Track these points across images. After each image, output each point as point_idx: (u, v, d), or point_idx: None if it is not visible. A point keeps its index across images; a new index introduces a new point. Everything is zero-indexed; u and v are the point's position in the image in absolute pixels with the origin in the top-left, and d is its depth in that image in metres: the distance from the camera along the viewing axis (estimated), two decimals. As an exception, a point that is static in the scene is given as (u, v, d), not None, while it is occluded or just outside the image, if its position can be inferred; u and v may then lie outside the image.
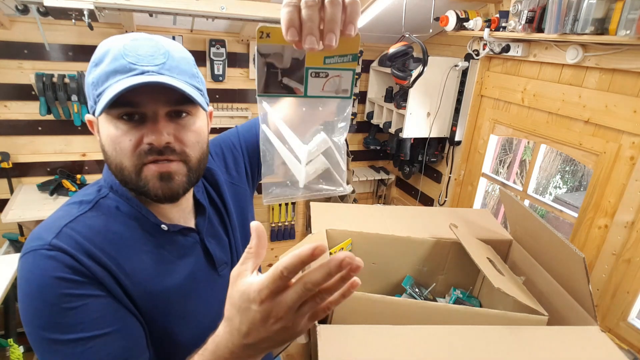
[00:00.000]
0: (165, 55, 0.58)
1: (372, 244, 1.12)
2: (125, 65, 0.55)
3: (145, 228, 0.64)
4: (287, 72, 0.45)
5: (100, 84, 0.56)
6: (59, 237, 0.56)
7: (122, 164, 0.59)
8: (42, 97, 2.00)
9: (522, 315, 0.83)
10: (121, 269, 0.59)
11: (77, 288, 0.54)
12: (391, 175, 2.93)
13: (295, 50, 0.44)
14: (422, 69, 1.80)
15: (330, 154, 0.47)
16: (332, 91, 0.47)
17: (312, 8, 0.40)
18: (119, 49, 0.56)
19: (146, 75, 0.55)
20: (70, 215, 0.60)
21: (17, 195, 2.08)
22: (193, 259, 0.69)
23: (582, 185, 5.42)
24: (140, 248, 0.63)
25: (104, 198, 0.64)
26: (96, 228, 0.59)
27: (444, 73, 2.17)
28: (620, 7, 1.27)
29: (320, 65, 0.46)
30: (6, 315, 1.85)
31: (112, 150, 0.59)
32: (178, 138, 0.60)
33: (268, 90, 0.46)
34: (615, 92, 1.47)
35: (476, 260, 0.93)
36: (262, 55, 0.45)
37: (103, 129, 0.59)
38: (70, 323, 0.53)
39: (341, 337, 0.74)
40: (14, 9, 1.75)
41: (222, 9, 1.78)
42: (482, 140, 2.14)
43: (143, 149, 0.58)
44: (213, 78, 2.36)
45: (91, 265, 0.56)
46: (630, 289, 1.46)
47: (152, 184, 0.59)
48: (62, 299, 0.53)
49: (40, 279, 0.53)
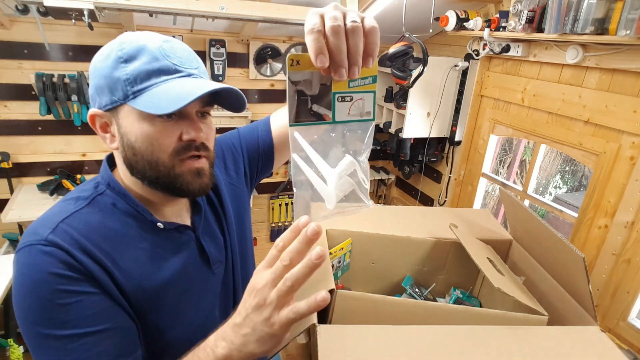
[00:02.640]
0: (196, 59, 0.63)
1: (372, 244, 1.12)
2: (170, 67, 0.58)
3: (141, 225, 0.65)
4: (315, 99, 0.47)
5: (139, 81, 0.57)
6: (55, 232, 0.56)
7: (158, 160, 0.60)
8: (42, 97, 2.00)
9: (522, 315, 0.83)
10: (116, 265, 0.60)
11: (72, 284, 0.55)
12: (391, 175, 2.93)
13: (323, 75, 0.46)
14: (422, 69, 1.80)
15: (355, 174, 0.50)
16: (357, 115, 0.49)
17: (338, 36, 0.41)
18: (157, 49, 0.58)
19: (192, 77, 0.60)
20: (67, 211, 0.60)
21: (17, 195, 2.08)
22: (186, 255, 0.69)
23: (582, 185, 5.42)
24: (135, 245, 0.63)
25: (100, 195, 0.64)
26: (92, 224, 0.60)
27: (444, 73, 2.17)
28: (620, 7, 1.27)
29: (345, 89, 0.48)
30: (6, 315, 1.85)
31: (147, 147, 0.59)
32: (208, 137, 0.64)
33: (299, 119, 0.47)
34: (615, 92, 1.47)
35: (476, 260, 0.93)
36: (293, 83, 0.46)
37: (134, 125, 0.59)
38: (63, 319, 0.54)
39: (341, 337, 0.74)
40: (14, 9, 1.75)
41: (222, 9, 1.78)
42: (482, 140, 2.14)
43: (182, 145, 0.61)
44: (213, 78, 2.36)
45: (86, 261, 0.56)
46: (630, 289, 1.46)
47: (188, 179, 0.62)
48: (56, 295, 0.54)
49: (35, 274, 0.54)
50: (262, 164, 0.88)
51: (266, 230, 2.94)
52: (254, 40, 2.38)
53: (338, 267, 1.09)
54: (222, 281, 0.77)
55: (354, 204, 0.50)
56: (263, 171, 0.90)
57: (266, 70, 2.48)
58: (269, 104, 2.59)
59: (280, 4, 1.90)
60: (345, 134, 0.49)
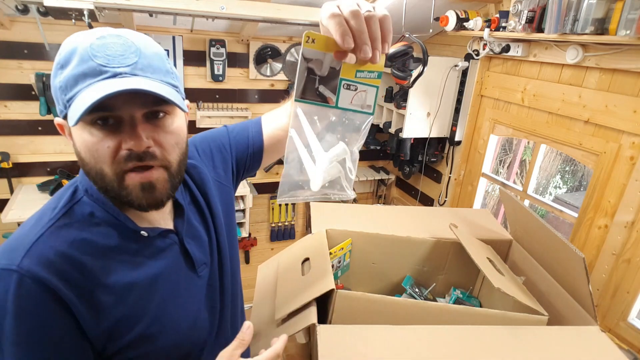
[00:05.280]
0: (136, 53, 0.54)
1: (372, 244, 1.12)
2: (94, 68, 0.52)
3: (122, 234, 0.62)
4: (323, 81, 0.49)
5: (69, 88, 0.53)
6: (30, 255, 0.54)
7: (102, 172, 0.56)
8: (42, 97, 2.00)
9: (522, 315, 0.83)
10: (96, 281, 0.58)
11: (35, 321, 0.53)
12: (391, 175, 2.93)
13: (333, 60, 0.48)
14: (422, 69, 1.80)
15: (344, 163, 0.52)
16: (358, 105, 0.52)
17: (359, 19, 0.44)
18: (86, 49, 0.52)
19: (119, 78, 0.52)
20: (42, 225, 0.57)
21: (17, 195, 2.08)
22: (170, 260, 0.68)
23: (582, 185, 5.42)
24: (117, 257, 0.61)
25: (77, 203, 0.61)
26: (68, 239, 0.57)
27: (444, 73, 2.17)
28: (620, 7, 1.27)
29: (352, 77, 0.50)
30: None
31: (89, 158, 0.56)
32: (157, 141, 0.58)
33: (305, 96, 0.49)
34: (615, 92, 1.47)
35: (476, 260, 0.92)
36: (305, 60, 0.48)
37: (77, 135, 0.56)
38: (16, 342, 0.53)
39: (341, 337, 0.74)
40: (14, 9, 1.75)
41: (222, 9, 1.78)
42: (482, 140, 2.14)
43: (122, 155, 0.55)
44: (213, 78, 2.36)
45: (62, 288, 0.54)
46: (630, 289, 1.46)
47: (135, 194, 0.57)
48: (17, 321, 0.52)
49: (15, 308, 0.52)
50: (250, 164, 0.88)
51: (266, 230, 2.93)
52: (254, 40, 2.38)
53: (338, 267, 1.09)
54: (207, 283, 0.75)
55: (336, 191, 0.52)
56: (249, 170, 0.90)
57: (266, 70, 2.48)
58: (269, 104, 2.59)
59: (280, 4, 1.90)
60: (344, 122, 0.51)
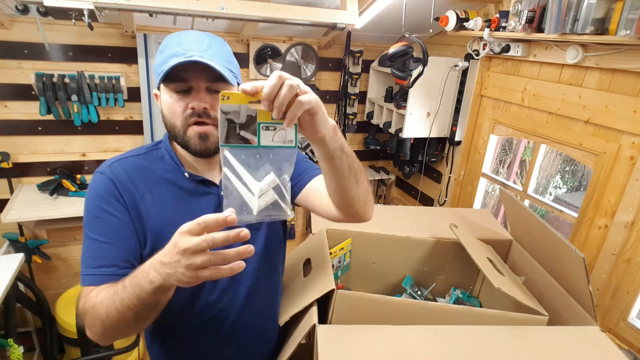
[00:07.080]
0: (208, 45, 0.77)
1: (372, 244, 1.13)
2: (178, 51, 0.75)
3: (176, 174, 0.86)
4: (243, 126, 0.59)
5: (162, 64, 0.76)
6: (111, 167, 0.83)
7: (174, 124, 0.79)
8: (42, 97, 2.00)
9: (522, 315, 0.83)
10: (144, 198, 0.81)
11: (106, 205, 0.79)
12: (391, 175, 2.93)
13: (250, 108, 0.58)
14: (422, 69, 1.80)
15: (278, 189, 0.61)
16: (280, 141, 0.60)
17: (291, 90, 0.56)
18: (176, 39, 0.77)
19: (192, 57, 0.73)
20: (129, 154, 0.86)
21: (17, 195, 2.08)
22: (205, 203, 0.85)
23: (582, 185, 5.42)
24: (167, 186, 0.84)
25: (156, 149, 0.89)
26: (138, 166, 0.84)
27: (444, 73, 2.17)
28: (620, 7, 1.27)
29: (269, 120, 0.59)
30: (6, 315, 1.85)
31: (168, 113, 0.80)
32: (213, 107, 0.78)
33: (229, 140, 0.58)
34: (615, 92, 1.47)
35: (476, 260, 0.93)
36: (223, 113, 0.57)
37: (163, 98, 0.80)
38: (92, 225, 0.78)
39: (341, 337, 0.74)
40: (14, 9, 1.75)
41: (222, 9, 1.78)
42: (482, 140, 2.14)
43: (188, 113, 0.77)
44: (213, 78, 2.36)
45: (123, 191, 0.80)
46: (630, 289, 1.46)
47: (193, 141, 0.79)
48: (96, 209, 0.79)
49: (92, 191, 0.81)
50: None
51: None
52: (254, 40, 2.38)
53: (338, 267, 1.09)
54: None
55: (275, 212, 0.60)
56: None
57: (266, 70, 2.48)
58: (269, 104, 2.59)
59: (280, 4, 1.90)
60: (270, 157, 0.60)
